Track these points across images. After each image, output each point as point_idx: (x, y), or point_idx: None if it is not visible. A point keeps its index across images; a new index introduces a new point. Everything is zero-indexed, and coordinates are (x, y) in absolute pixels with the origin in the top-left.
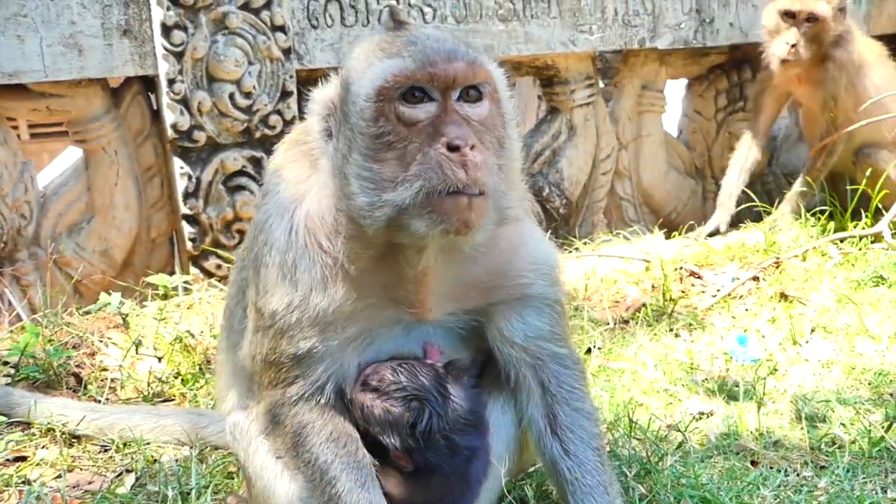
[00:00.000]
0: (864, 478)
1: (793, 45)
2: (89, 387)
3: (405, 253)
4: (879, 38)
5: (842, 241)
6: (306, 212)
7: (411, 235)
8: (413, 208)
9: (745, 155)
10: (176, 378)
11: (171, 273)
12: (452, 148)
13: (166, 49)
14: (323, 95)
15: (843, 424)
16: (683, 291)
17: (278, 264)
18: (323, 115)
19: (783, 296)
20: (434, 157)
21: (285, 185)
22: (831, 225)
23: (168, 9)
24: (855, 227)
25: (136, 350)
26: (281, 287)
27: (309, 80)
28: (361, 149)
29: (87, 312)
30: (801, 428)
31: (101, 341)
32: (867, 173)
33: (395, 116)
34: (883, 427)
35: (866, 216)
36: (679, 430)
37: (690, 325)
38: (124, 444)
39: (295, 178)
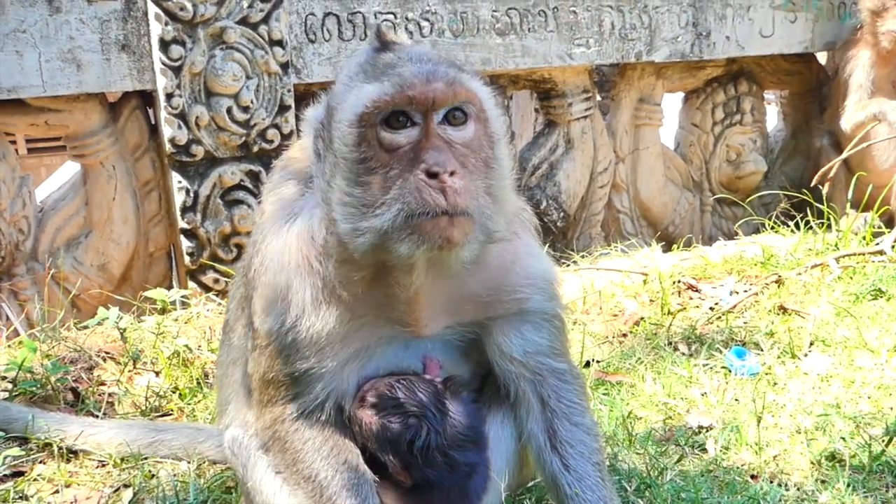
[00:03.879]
0: (864, 492)
1: None
2: (87, 401)
3: (395, 274)
4: None
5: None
6: (298, 232)
7: (397, 258)
8: (394, 232)
9: None
10: (174, 393)
11: (169, 287)
12: (431, 174)
13: (164, 64)
14: (314, 115)
15: (843, 438)
16: (682, 305)
17: (272, 285)
18: (314, 135)
19: (782, 309)
20: (413, 183)
21: (280, 203)
22: (828, 236)
23: (166, 24)
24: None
25: (134, 365)
26: (275, 308)
27: (307, 94)
28: (344, 173)
29: (85, 327)
30: (801, 442)
31: (99, 356)
32: None
33: (376, 142)
34: (883, 441)
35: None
36: (678, 444)
37: (689, 338)
38: (122, 460)
39: (289, 196)
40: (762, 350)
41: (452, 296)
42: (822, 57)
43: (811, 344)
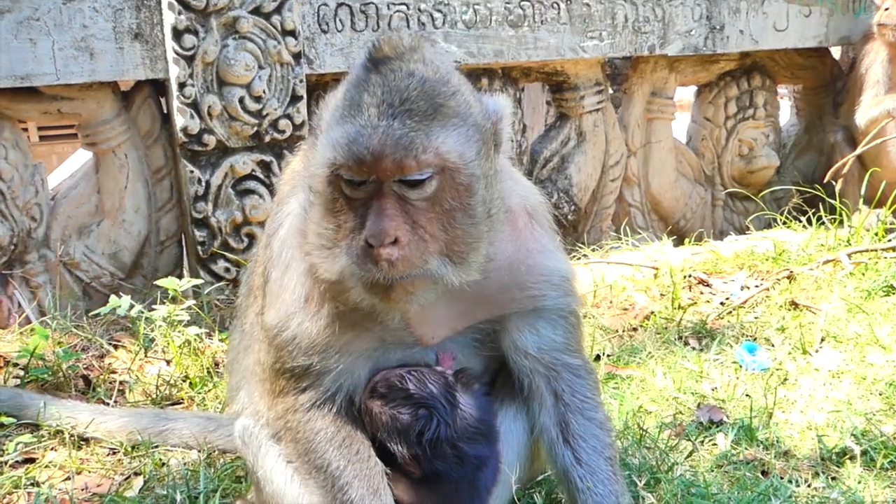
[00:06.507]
0: (875, 489)
1: (886, 8)
2: (98, 389)
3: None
4: None
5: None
6: (296, 229)
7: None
8: (346, 279)
9: None
10: (184, 381)
11: (180, 276)
12: (370, 244)
13: (177, 53)
14: (308, 135)
15: (854, 435)
16: (692, 299)
17: (274, 280)
18: (304, 153)
19: (793, 304)
20: (357, 244)
21: (290, 196)
22: (840, 232)
23: (179, 13)
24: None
25: (145, 353)
26: (276, 303)
27: (319, 84)
28: (317, 207)
29: (97, 315)
30: (812, 438)
31: (110, 344)
32: None
33: (340, 189)
34: (894, 437)
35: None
36: (689, 440)
37: (699, 333)
38: (133, 448)
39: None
40: (773, 345)
41: (455, 307)
42: (836, 52)
43: (822, 340)
